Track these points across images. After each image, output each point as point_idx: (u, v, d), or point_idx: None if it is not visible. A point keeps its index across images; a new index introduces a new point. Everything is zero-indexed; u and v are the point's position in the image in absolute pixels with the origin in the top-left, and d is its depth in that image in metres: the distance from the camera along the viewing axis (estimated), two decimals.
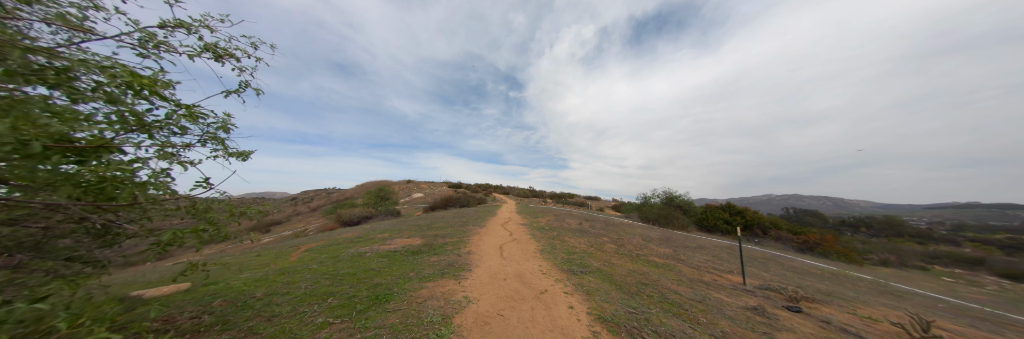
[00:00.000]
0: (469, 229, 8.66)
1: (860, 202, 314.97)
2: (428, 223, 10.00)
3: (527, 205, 21.64)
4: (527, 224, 10.19)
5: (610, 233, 9.26)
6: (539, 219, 11.67)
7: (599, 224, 11.27)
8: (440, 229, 8.64)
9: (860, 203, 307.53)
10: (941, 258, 18.29)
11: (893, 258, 17.03)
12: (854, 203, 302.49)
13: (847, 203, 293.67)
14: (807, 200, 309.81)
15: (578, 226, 10.28)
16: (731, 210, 19.20)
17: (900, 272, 15.66)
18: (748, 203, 25.16)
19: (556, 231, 8.86)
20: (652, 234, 10.15)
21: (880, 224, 56.65)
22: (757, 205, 59.80)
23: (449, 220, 10.77)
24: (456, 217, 11.85)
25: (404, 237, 7.36)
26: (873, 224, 58.18)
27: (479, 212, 14.01)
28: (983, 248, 23.31)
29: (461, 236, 7.52)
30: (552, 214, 13.77)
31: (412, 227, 9.25)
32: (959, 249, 22.28)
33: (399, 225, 10.09)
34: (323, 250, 6.08)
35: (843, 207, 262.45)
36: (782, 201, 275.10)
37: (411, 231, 8.38)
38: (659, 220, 13.71)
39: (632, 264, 5.62)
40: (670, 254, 6.92)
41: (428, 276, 4.06)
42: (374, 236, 7.66)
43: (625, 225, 12.11)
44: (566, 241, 7.39)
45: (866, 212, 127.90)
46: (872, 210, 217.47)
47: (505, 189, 45.02)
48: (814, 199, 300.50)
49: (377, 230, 9.04)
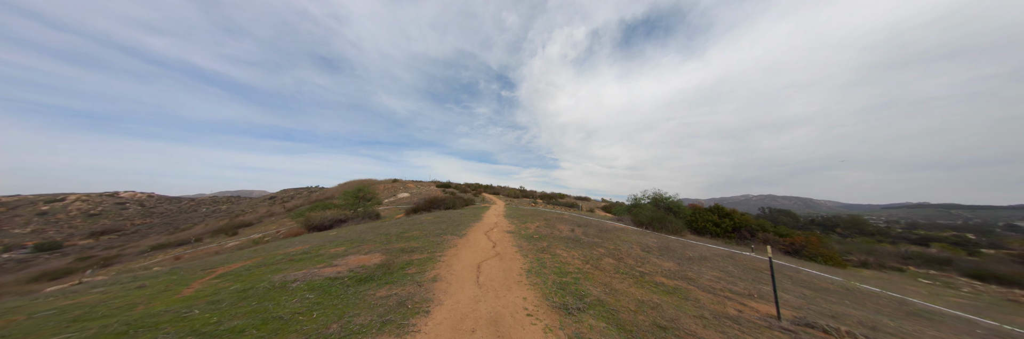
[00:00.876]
0: (445, 240, 7.31)
1: (827, 202, 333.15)
2: (401, 230, 8.57)
3: (517, 207, 20.41)
4: (514, 231, 8.94)
5: (606, 242, 8.15)
6: (528, 224, 10.44)
7: (593, 230, 10.17)
8: (412, 240, 7.24)
9: (827, 203, 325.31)
10: (913, 259, 18.48)
11: (871, 259, 16.97)
12: (822, 203, 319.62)
13: (816, 203, 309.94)
14: (781, 200, 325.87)
15: (570, 233, 9.13)
16: (720, 212, 18.67)
17: (881, 274, 15.52)
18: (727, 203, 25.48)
19: (546, 241, 7.65)
20: (649, 242, 9.14)
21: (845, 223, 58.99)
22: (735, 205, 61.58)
23: (427, 226, 9.36)
24: (436, 222, 10.44)
25: (363, 252, 5.93)
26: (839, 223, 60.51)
27: (463, 216, 12.64)
28: (950, 249, 24.07)
29: (434, 250, 6.18)
30: (542, 218, 12.59)
31: (380, 236, 7.80)
32: (927, 250, 22.86)
33: (366, 233, 8.59)
34: (241, 276, 4.57)
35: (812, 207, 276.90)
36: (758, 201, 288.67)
37: (376, 242, 6.93)
38: (652, 223, 12.81)
39: (638, 290, 4.46)
40: (676, 271, 5.85)
41: (359, 331, 2.69)
42: (326, 250, 6.18)
43: (619, 230, 11.09)
44: (557, 255, 6.19)
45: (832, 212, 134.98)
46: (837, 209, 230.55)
47: (495, 189, 43.67)
48: (787, 199, 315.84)
49: (337, 240, 7.53)
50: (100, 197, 70.25)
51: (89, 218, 65.66)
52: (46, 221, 64.87)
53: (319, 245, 6.93)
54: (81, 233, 62.41)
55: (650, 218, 13.07)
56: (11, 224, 63.73)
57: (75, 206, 66.84)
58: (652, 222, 12.92)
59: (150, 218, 67.10)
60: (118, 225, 66.20)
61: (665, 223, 12.80)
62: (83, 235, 60.27)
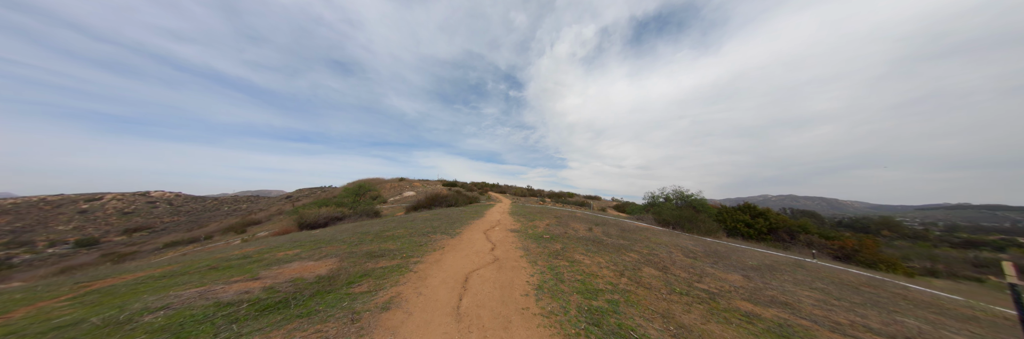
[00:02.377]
0: (432, 240, 5.63)
1: (854, 203, 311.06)
2: (383, 229, 6.96)
3: (524, 205, 18.58)
4: (520, 230, 7.17)
5: (635, 244, 6.28)
6: (536, 222, 8.64)
7: (614, 230, 8.27)
8: (390, 240, 5.60)
9: (854, 204, 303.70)
10: (988, 266, 15.46)
11: (941, 267, 14.16)
12: (848, 204, 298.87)
13: (841, 204, 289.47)
14: (802, 201, 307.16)
15: (588, 233, 7.28)
16: (752, 211, 16.25)
17: (958, 285, 12.76)
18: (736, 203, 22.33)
19: (560, 242, 5.85)
20: (687, 244, 7.16)
21: (877, 225, 54.06)
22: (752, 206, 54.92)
23: (417, 224, 7.72)
24: (431, 220, 8.80)
25: (316, 257, 4.32)
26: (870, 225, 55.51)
27: (462, 213, 10.96)
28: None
29: (411, 254, 4.51)
30: (552, 215, 10.76)
31: (356, 235, 6.21)
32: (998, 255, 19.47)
33: (344, 233, 7.01)
34: (111, 294, 3.00)
35: (838, 208, 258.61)
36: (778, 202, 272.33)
37: (345, 243, 5.33)
38: (682, 223, 10.72)
39: (725, 329, 2.61)
40: (754, 290, 3.93)
41: None
42: (273, 254, 4.60)
43: (643, 230, 9.12)
44: (578, 262, 4.39)
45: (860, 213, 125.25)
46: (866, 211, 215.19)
47: (502, 188, 41.98)
48: (809, 200, 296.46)
49: (304, 241, 5.97)
50: (133, 196, 73.00)
51: (123, 216, 68.21)
52: (86, 219, 67.79)
53: (274, 247, 5.38)
54: (116, 230, 64.74)
55: (677, 217, 10.99)
56: (56, 221, 66.90)
57: (111, 205, 69.61)
58: (680, 221, 10.84)
59: (177, 216, 69.05)
60: (149, 222, 68.44)
61: (696, 223, 10.70)
62: (118, 232, 62.45)
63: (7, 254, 49.75)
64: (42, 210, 68.32)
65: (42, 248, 52.96)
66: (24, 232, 63.81)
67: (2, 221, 66.16)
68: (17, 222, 66.34)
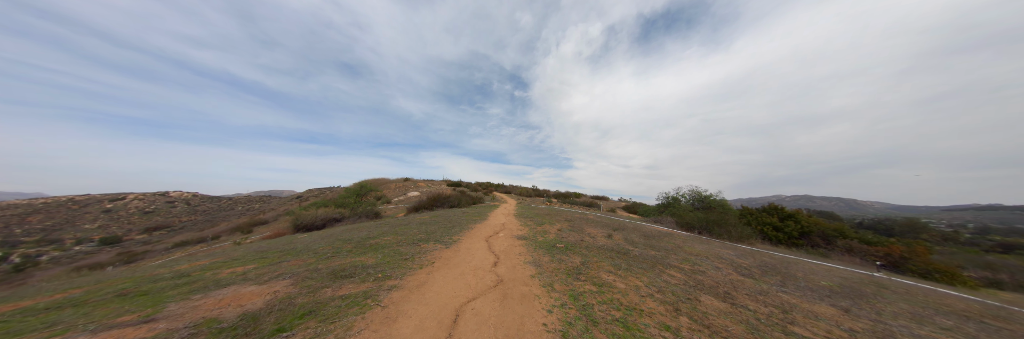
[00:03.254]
0: (423, 250, 4.53)
1: (874, 204, 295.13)
2: (368, 236, 5.89)
3: (530, 205, 17.39)
4: (528, 237, 6.00)
5: (668, 256, 5.04)
6: (546, 227, 7.46)
7: (636, 236, 7.02)
8: (371, 251, 4.52)
9: (874, 205, 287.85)
10: None
11: (1005, 277, 12.30)
12: (867, 204, 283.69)
13: (860, 204, 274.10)
14: (818, 201, 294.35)
15: (608, 240, 6.06)
16: (780, 213, 14.66)
17: None
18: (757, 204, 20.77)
19: (578, 253, 4.67)
20: (727, 254, 5.87)
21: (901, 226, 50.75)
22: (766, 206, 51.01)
23: (409, 230, 6.64)
24: (428, 223, 7.72)
25: (262, 280, 3.25)
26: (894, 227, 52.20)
27: (464, 215, 9.86)
28: None
29: (388, 272, 3.40)
30: (562, 218, 9.56)
31: (334, 244, 5.16)
32: None
33: (319, 241, 5.98)
34: None
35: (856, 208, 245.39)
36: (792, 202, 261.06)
37: (315, 255, 4.28)
38: (709, 228, 9.34)
39: None
40: (872, 332, 2.68)
41: None
42: (215, 273, 3.56)
43: (667, 236, 7.83)
44: (607, 285, 3.21)
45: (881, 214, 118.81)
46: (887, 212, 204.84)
47: (507, 188, 40.86)
48: (826, 200, 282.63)
49: (263, 253, 4.95)
50: (153, 196, 74.82)
51: (144, 215, 69.91)
52: (110, 218, 69.74)
53: (232, 258, 4.36)
54: (137, 229, 66.34)
55: (703, 220, 9.61)
56: (82, 220, 69.04)
57: (133, 204, 71.45)
58: (708, 226, 9.47)
59: (194, 216, 70.35)
60: (168, 222, 69.96)
61: (725, 227, 9.31)
62: (139, 231, 63.96)
63: (38, 251, 51.31)
64: (70, 209, 70.64)
65: (70, 246, 54.44)
66: (54, 230, 65.98)
67: (34, 220, 68.60)
68: (48, 221, 68.69)
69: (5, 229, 64.69)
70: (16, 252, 49.89)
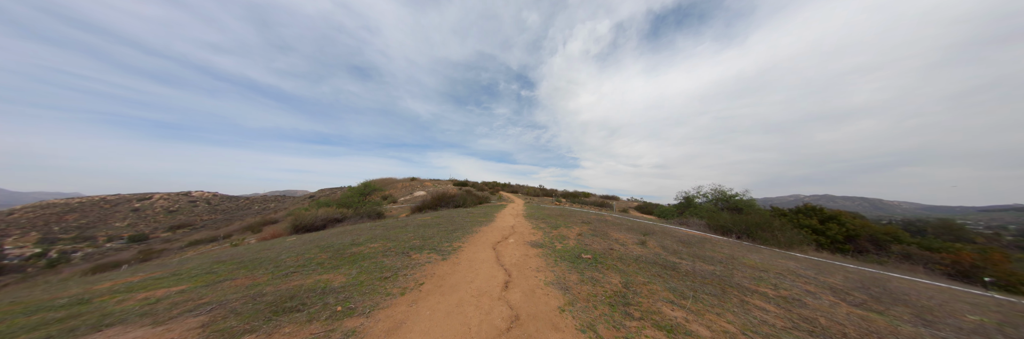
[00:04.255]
0: (413, 263, 3.43)
1: (901, 204, 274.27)
2: (354, 241, 4.85)
3: (539, 205, 16.17)
4: (544, 244, 4.83)
5: (732, 272, 3.80)
6: (562, 230, 6.27)
7: (672, 242, 5.75)
8: (345, 264, 3.46)
9: (902, 205, 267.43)
10: None
11: None
12: (895, 205, 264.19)
13: (886, 204, 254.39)
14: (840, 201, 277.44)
15: (643, 249, 4.83)
16: (819, 214, 12.95)
17: None
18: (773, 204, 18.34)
19: (616, 270, 3.48)
20: (800, 269, 4.54)
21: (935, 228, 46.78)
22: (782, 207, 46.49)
23: (408, 232, 5.59)
24: (428, 225, 6.66)
25: (173, 314, 2.21)
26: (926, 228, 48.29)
27: (469, 216, 8.76)
28: None
29: (354, 303, 2.30)
30: (578, 220, 8.34)
31: (307, 252, 4.14)
32: None
33: (290, 249, 4.97)
34: None
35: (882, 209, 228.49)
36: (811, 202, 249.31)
37: (269, 271, 3.25)
38: (751, 232, 7.92)
39: None
40: None
41: None
42: (116, 301, 2.55)
43: (704, 242, 6.51)
44: (680, 332, 2.05)
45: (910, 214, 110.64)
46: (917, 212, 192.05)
47: (513, 187, 39.71)
48: (848, 200, 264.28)
49: (219, 263, 3.95)
50: (177, 196, 77.34)
51: (169, 214, 72.27)
52: (138, 216, 72.41)
53: (171, 274, 3.39)
54: (162, 227, 68.57)
55: (743, 223, 8.19)
56: (113, 218, 71.92)
57: (159, 204, 74.00)
58: (749, 229, 8.04)
59: (214, 215, 72.26)
60: (191, 220, 72.07)
61: (770, 231, 7.87)
62: (164, 229, 66.05)
63: (73, 248, 53.48)
64: (102, 208, 73.73)
65: (102, 243, 56.55)
66: (88, 228, 68.92)
67: (71, 218, 71.89)
68: (82, 219, 71.84)
69: (45, 227, 67.94)
70: (54, 248, 52.14)
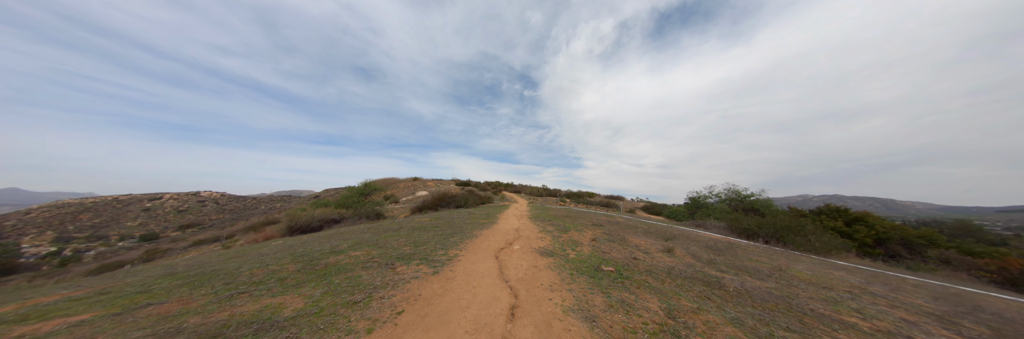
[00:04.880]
0: (396, 280, 2.71)
1: (915, 204, 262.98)
2: (333, 248, 4.15)
3: (543, 206, 15.40)
4: (554, 252, 4.09)
5: (791, 290, 3.02)
6: (573, 234, 5.51)
7: (701, 249, 4.96)
8: (313, 281, 2.74)
9: (915, 205, 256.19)
10: None
11: None
12: (908, 205, 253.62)
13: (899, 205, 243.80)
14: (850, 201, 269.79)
15: (671, 258, 4.05)
16: (845, 215, 11.98)
17: None
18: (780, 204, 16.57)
19: (650, 288, 2.72)
20: (866, 284, 3.72)
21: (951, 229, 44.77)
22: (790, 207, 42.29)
23: (397, 238, 4.88)
24: (424, 229, 5.95)
25: None
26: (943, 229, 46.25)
27: (471, 217, 8.04)
28: None
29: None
30: (587, 221, 7.56)
31: (282, 260, 3.45)
32: None
33: (260, 258, 4.29)
34: None
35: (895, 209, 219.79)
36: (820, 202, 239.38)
37: (213, 292, 2.56)
38: (781, 235, 7.06)
39: None
40: None
41: None
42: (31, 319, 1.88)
43: (738, 249, 5.70)
44: None
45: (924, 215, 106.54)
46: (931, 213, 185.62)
47: (516, 187, 38.95)
48: (858, 200, 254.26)
49: (155, 280, 3.27)
50: (186, 196, 78.09)
51: (179, 214, 72.92)
52: (149, 216, 73.18)
53: (83, 299, 2.72)
54: (173, 226, 69.18)
55: (771, 226, 7.32)
56: (125, 218, 72.78)
57: (169, 204, 74.76)
58: (778, 233, 7.17)
59: (222, 214, 72.75)
60: (199, 220, 72.62)
61: (803, 235, 7.00)
62: (174, 228, 66.61)
63: (87, 247, 54.03)
64: (115, 208, 74.67)
65: (114, 242, 57.10)
66: (101, 227, 69.78)
67: (85, 217, 72.88)
68: (96, 218, 72.79)
69: (60, 226, 68.94)
70: (69, 247, 52.73)
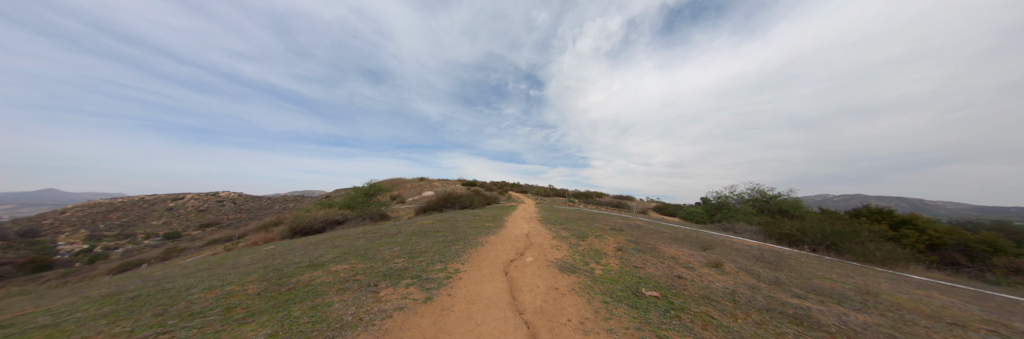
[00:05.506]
0: (377, 312, 1.99)
1: (945, 204, 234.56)
2: (313, 261, 3.45)
3: (551, 206, 14.54)
4: (576, 266, 3.30)
5: (905, 325, 2.16)
6: (593, 241, 4.69)
7: (749, 261, 4.07)
8: (271, 312, 2.04)
9: (946, 205, 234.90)
10: None
11: None
12: (938, 205, 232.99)
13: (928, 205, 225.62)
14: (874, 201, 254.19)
15: (723, 277, 3.21)
16: (890, 218, 10.67)
17: None
18: None
19: (715, 325, 1.92)
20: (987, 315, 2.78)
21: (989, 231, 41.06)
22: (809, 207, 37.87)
23: (392, 247, 4.18)
24: (425, 234, 5.25)
25: None
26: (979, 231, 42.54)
27: (476, 220, 7.31)
28: None
29: None
30: (604, 224, 6.72)
31: (249, 276, 2.79)
32: None
33: (213, 277, 3.63)
34: None
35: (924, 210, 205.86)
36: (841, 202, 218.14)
37: (146, 317, 1.90)
38: (833, 242, 6.03)
39: None
40: None
41: None
42: None
43: (791, 260, 4.77)
44: None
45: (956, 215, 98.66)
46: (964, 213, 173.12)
47: (523, 187, 38.13)
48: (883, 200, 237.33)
49: (79, 307, 2.64)
50: (206, 196, 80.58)
51: (199, 213, 75.29)
52: (172, 215, 75.84)
53: None
54: (194, 225, 71.46)
55: (823, 233, 6.28)
56: (151, 217, 75.65)
57: (190, 204, 77.29)
58: (828, 239, 6.14)
59: (239, 214, 74.69)
60: (218, 219, 74.77)
61: (860, 243, 5.95)
62: (195, 227, 68.79)
63: (116, 244, 56.26)
64: (142, 208, 77.71)
65: (140, 240, 59.29)
66: (129, 226, 72.69)
67: (114, 216, 76.11)
68: (124, 218, 75.89)
69: (92, 225, 72.17)
70: (99, 244, 55.00)
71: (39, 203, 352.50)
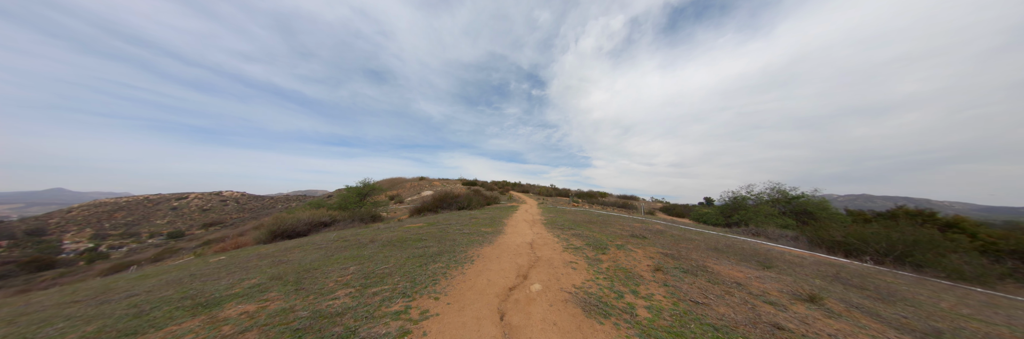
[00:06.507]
0: None
1: (953, 204, 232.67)
2: (224, 289, 2.33)
3: (555, 207, 13.33)
4: (606, 301, 2.12)
5: None
6: (615, 255, 3.51)
7: (834, 285, 2.90)
8: None
9: (954, 205, 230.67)
10: None
11: None
12: (945, 205, 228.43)
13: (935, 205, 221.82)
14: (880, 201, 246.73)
15: (842, 324, 2.04)
16: (932, 221, 9.35)
17: None
18: None
19: None
20: None
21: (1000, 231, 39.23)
22: None
23: (341, 270, 3.01)
24: (404, 244, 4.08)
25: None
26: None
27: (472, 224, 6.12)
28: None
29: None
30: (622, 231, 5.53)
31: (156, 303, 1.65)
32: None
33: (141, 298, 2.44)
34: None
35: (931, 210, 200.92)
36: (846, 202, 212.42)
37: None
38: (908, 253, 4.82)
39: None
40: None
41: None
42: None
43: (877, 281, 3.58)
44: None
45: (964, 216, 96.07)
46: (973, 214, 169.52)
47: (524, 187, 36.94)
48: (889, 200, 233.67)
49: None
50: (210, 195, 79.92)
51: (202, 212, 74.64)
52: (176, 214, 75.26)
53: None
54: (197, 224, 70.81)
55: (890, 241, 5.05)
56: (155, 216, 75.10)
57: (194, 203, 76.65)
58: (895, 250, 4.90)
59: (242, 213, 73.96)
60: (221, 218, 74.07)
61: (943, 255, 4.72)
62: (198, 226, 68.12)
63: (120, 243, 55.59)
64: (146, 207, 77.22)
65: (145, 239, 58.61)
66: (133, 225, 72.14)
67: (119, 215, 75.61)
68: (129, 217, 75.39)
69: (98, 224, 71.66)
70: (104, 243, 54.36)
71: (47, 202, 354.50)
